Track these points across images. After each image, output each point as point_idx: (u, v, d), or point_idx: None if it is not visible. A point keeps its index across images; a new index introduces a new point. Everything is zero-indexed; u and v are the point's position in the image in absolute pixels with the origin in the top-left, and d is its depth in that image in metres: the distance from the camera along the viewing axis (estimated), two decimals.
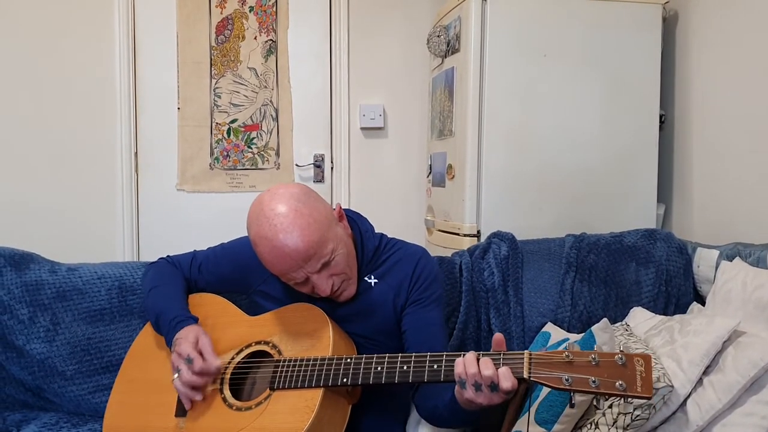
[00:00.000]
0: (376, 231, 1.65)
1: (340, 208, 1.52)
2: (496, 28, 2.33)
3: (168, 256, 1.75)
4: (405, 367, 1.29)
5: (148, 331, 1.64)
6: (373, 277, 1.55)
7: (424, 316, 1.52)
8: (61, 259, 1.94)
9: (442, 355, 1.27)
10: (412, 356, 1.30)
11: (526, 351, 1.18)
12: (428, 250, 1.66)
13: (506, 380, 1.15)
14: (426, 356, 1.28)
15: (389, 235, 1.66)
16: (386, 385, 1.32)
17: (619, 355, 1.10)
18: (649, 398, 1.08)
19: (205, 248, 1.74)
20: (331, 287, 1.43)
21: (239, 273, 1.64)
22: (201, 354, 1.41)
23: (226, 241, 1.73)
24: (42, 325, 1.79)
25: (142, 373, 1.57)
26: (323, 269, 1.41)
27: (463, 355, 1.21)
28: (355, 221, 1.60)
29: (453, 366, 1.22)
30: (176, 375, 1.40)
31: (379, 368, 1.31)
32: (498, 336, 1.22)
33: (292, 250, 1.35)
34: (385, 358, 1.32)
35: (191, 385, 1.39)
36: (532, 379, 1.14)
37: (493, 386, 1.16)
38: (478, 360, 1.19)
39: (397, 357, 1.31)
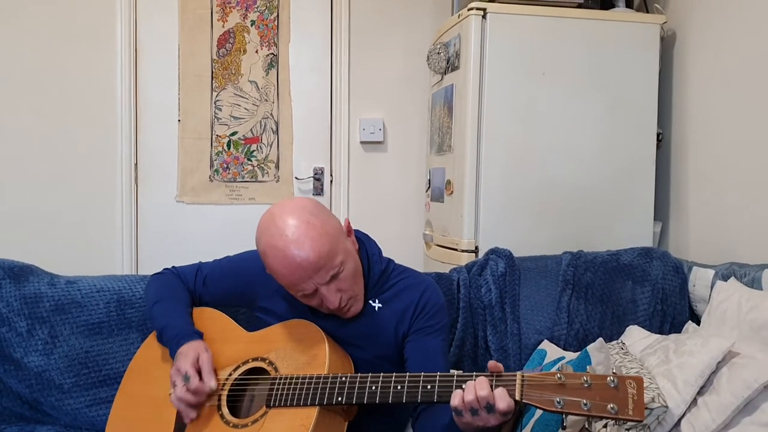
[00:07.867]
0: (379, 248, 1.64)
1: (349, 223, 1.53)
2: (496, 46, 2.35)
3: (173, 267, 1.74)
4: (399, 387, 1.29)
5: (148, 345, 1.64)
6: (378, 301, 1.54)
7: (426, 345, 1.51)
8: (60, 270, 1.95)
9: (436, 376, 1.27)
10: (406, 376, 1.30)
11: (518, 372, 1.19)
12: (426, 265, 1.66)
13: (502, 401, 1.15)
14: (420, 376, 1.29)
15: (388, 245, 1.66)
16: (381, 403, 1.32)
17: (611, 378, 1.10)
18: (640, 421, 1.09)
19: (210, 260, 1.73)
20: (339, 301, 1.44)
21: (244, 287, 1.64)
22: (199, 372, 1.42)
23: (231, 254, 1.72)
24: (40, 338, 1.80)
25: (142, 387, 1.57)
26: (332, 281, 1.41)
27: (456, 383, 1.20)
28: (363, 242, 1.59)
29: (447, 387, 1.23)
30: (172, 390, 1.42)
31: (373, 387, 1.32)
32: (492, 363, 1.23)
33: (303, 260, 1.36)
34: (379, 377, 1.33)
35: (185, 402, 1.40)
36: (524, 401, 1.15)
37: (489, 407, 1.17)
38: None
39: (391, 377, 1.32)
